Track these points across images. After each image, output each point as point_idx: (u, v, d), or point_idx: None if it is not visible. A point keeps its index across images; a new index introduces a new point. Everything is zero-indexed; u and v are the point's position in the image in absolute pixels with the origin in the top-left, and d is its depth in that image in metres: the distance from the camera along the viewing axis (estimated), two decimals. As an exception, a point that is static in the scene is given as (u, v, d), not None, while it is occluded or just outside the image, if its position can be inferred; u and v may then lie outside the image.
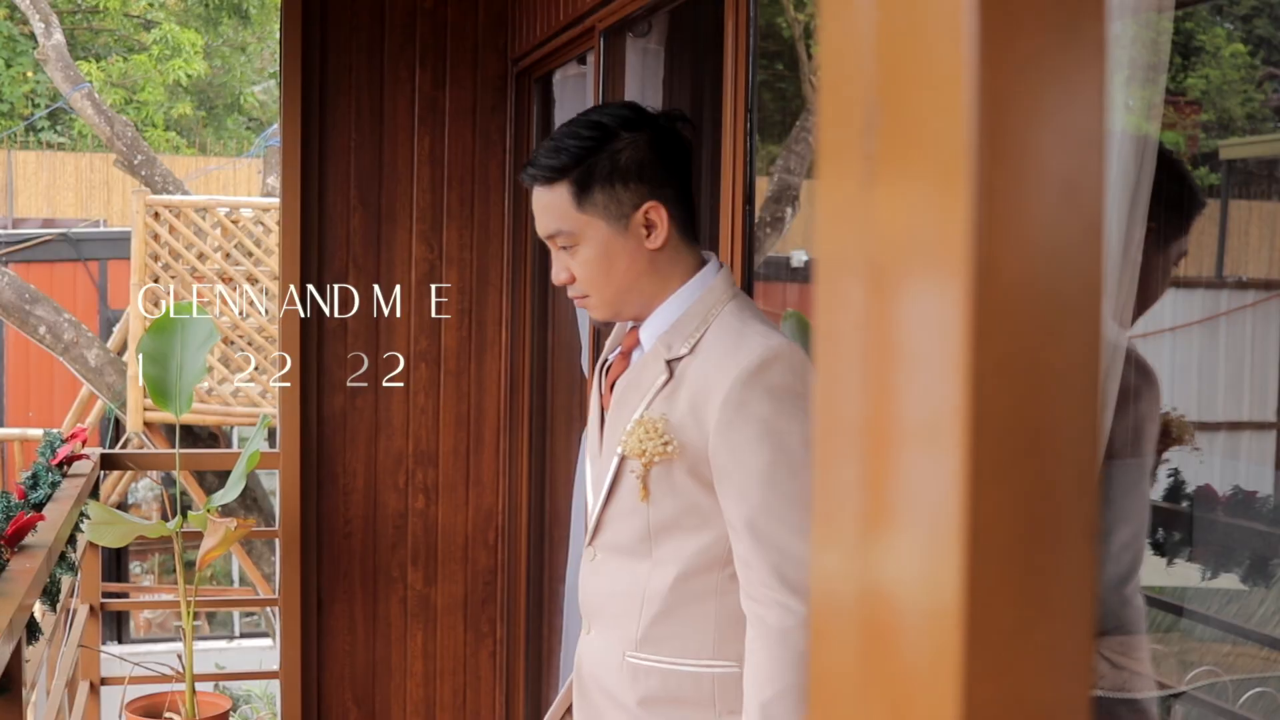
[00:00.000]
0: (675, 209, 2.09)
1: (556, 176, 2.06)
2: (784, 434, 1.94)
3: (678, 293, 2.09)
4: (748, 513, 1.96)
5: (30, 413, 10.59)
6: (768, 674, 1.94)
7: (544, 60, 4.00)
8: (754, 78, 2.54)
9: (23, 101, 17.42)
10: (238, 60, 18.70)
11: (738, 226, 2.58)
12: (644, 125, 2.09)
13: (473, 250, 4.21)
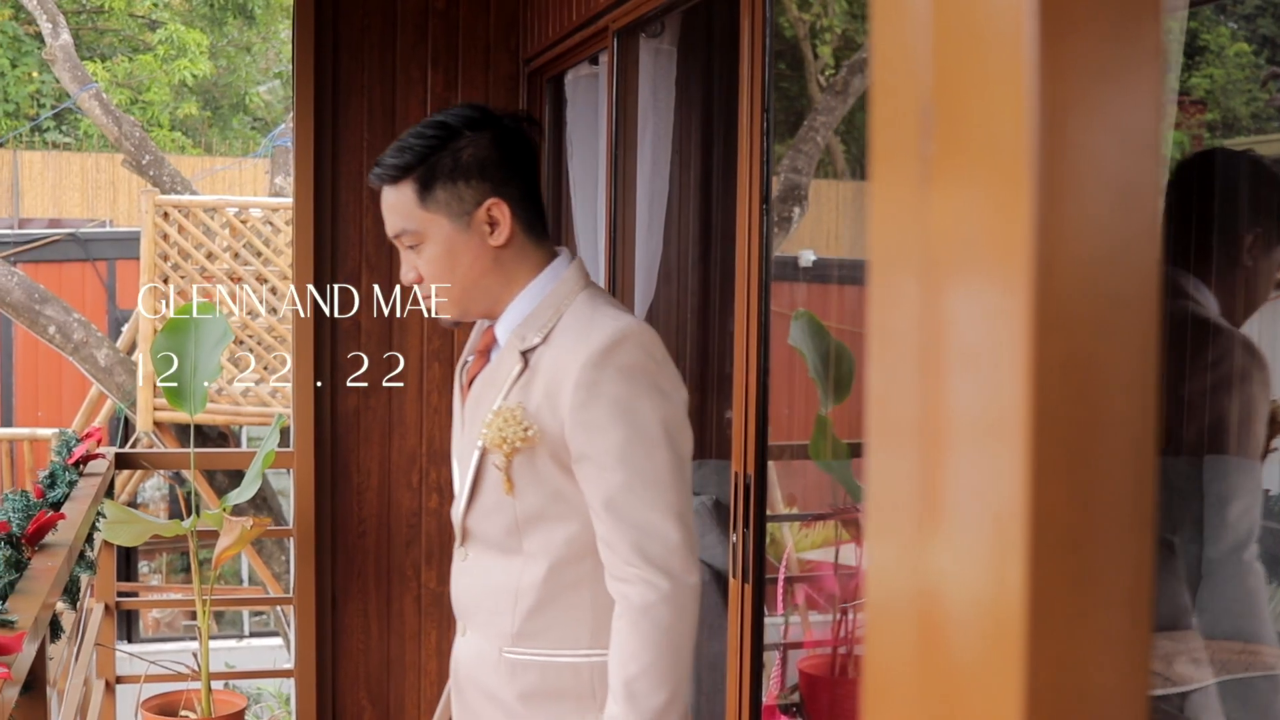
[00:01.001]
0: (519, 207, 2.11)
1: (400, 175, 2.09)
2: (637, 411, 1.97)
3: (529, 287, 2.12)
4: (606, 492, 1.98)
5: (39, 412, 10.62)
6: (631, 650, 1.95)
7: (556, 61, 4.01)
8: (770, 78, 2.55)
9: (28, 102, 17.44)
10: (243, 60, 18.73)
11: (754, 226, 2.59)
12: (488, 125, 2.12)
13: (485, 250, 4.22)
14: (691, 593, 1.97)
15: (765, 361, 2.61)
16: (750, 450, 2.64)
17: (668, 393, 2.00)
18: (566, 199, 4.14)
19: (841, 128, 10.35)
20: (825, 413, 4.36)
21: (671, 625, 1.95)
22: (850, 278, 10.53)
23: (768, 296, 2.59)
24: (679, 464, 1.99)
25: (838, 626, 3.96)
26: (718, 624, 3.79)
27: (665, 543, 1.95)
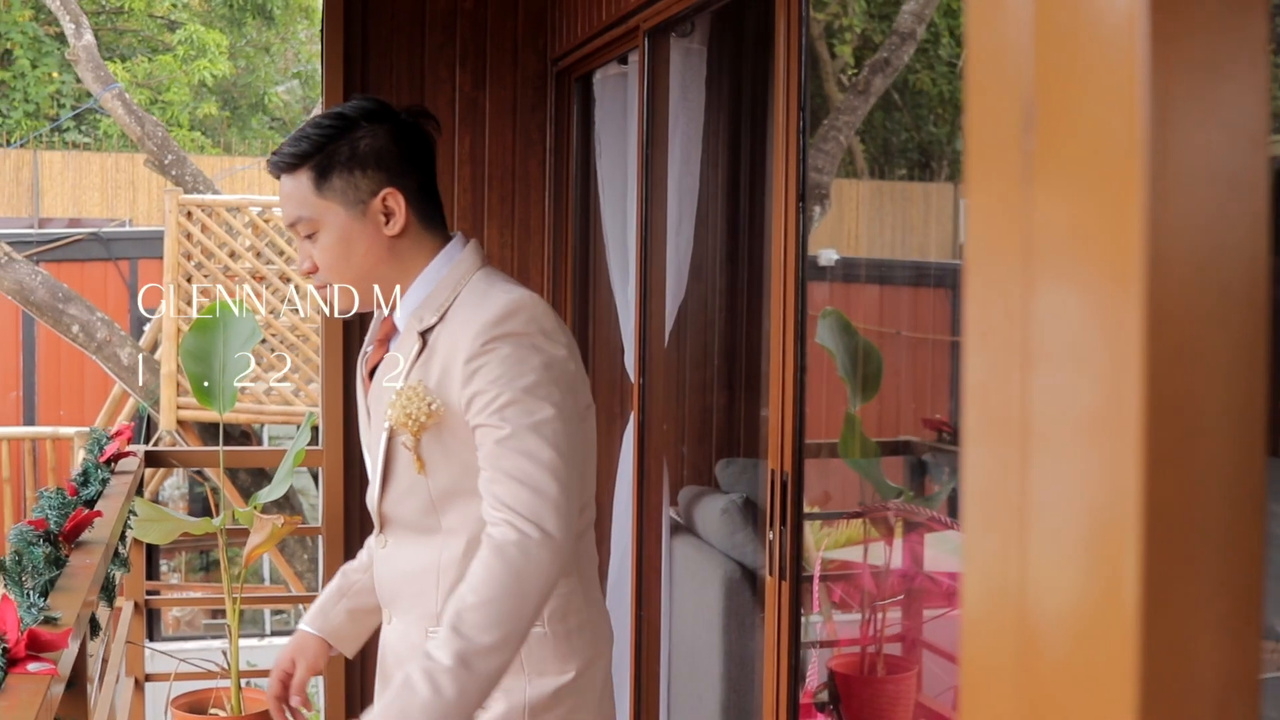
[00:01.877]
0: (415, 198, 2.14)
1: (298, 163, 2.12)
2: (522, 375, 1.98)
3: (424, 272, 2.14)
4: (488, 449, 1.99)
5: (61, 411, 10.66)
6: (473, 584, 1.93)
7: (584, 60, 4.01)
8: (806, 76, 2.56)
9: (48, 102, 17.50)
10: (262, 60, 18.77)
11: (791, 224, 2.59)
12: (386, 118, 2.15)
13: (513, 248, 4.23)
14: (554, 547, 1.94)
15: (802, 359, 2.62)
16: (787, 448, 2.64)
17: (557, 359, 2.02)
18: (594, 198, 4.15)
19: (862, 127, 10.34)
20: (854, 411, 4.36)
21: (522, 570, 1.93)
22: (872, 277, 10.52)
23: (804, 295, 2.59)
24: (565, 428, 1.99)
25: (867, 626, 3.97)
26: (748, 622, 3.80)
27: (537, 495, 1.95)
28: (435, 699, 1.86)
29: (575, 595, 2.14)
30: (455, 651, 1.88)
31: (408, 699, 1.87)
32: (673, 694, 3.85)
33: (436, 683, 1.87)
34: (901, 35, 9.23)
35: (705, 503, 3.99)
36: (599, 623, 2.21)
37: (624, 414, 4.27)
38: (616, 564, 4.03)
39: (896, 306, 10.26)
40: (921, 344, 10.24)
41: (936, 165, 16.95)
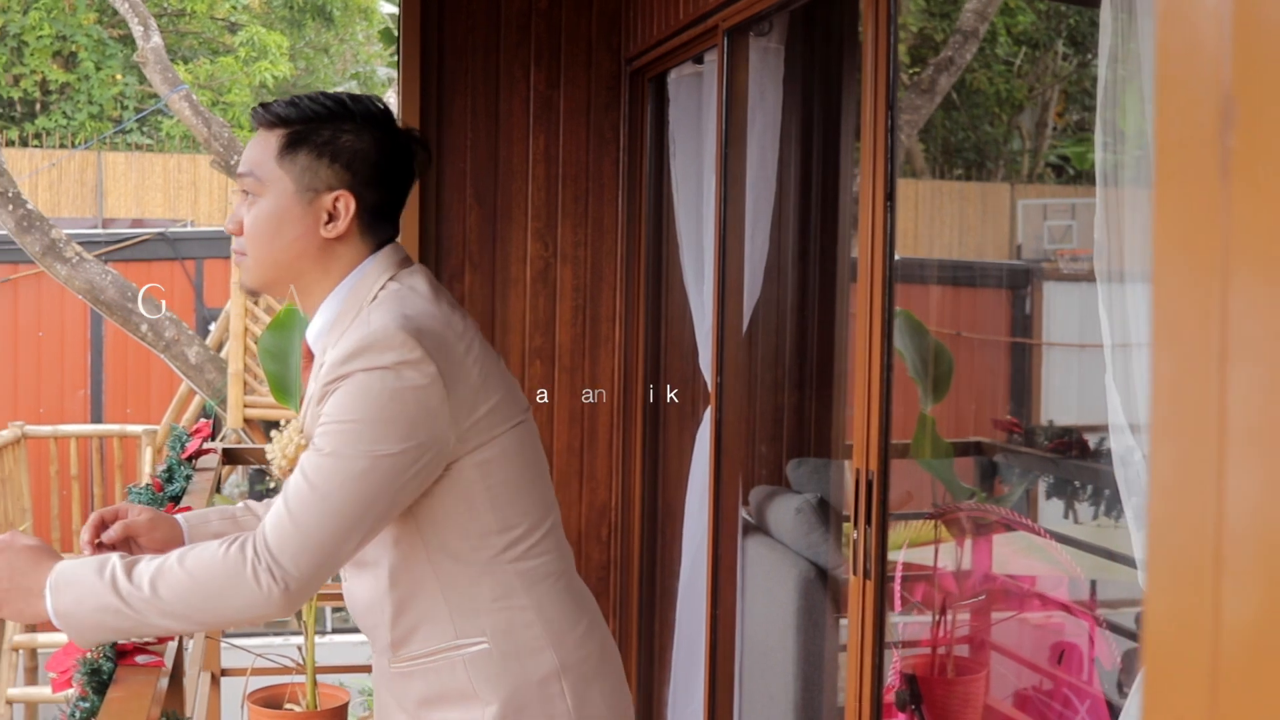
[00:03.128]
0: (368, 213, 2.05)
1: (277, 124, 2.04)
2: (356, 410, 1.91)
3: (337, 288, 2.06)
4: (294, 476, 1.94)
5: (128, 409, 10.78)
6: (202, 555, 1.90)
7: (659, 60, 4.02)
8: (895, 75, 2.55)
9: (112, 104, 17.70)
10: (321, 61, 18.91)
11: (878, 225, 2.59)
12: (380, 127, 2.07)
13: (587, 247, 4.25)
14: (281, 593, 1.89)
15: (889, 359, 2.61)
16: (873, 448, 2.64)
17: (415, 390, 1.92)
18: (668, 198, 4.16)
19: (923, 127, 10.29)
20: (927, 411, 4.35)
21: (238, 583, 1.89)
22: (929, 277, 10.44)
23: (892, 295, 2.59)
24: (388, 468, 1.91)
25: (937, 627, 3.96)
26: (821, 621, 3.79)
27: (298, 532, 1.89)
28: (106, 597, 1.89)
29: (525, 611, 2.08)
30: (145, 584, 1.88)
31: (88, 576, 1.90)
32: (744, 693, 3.85)
33: (118, 590, 1.89)
34: (965, 34, 9.18)
35: (778, 502, 3.98)
36: (564, 642, 2.11)
37: (695, 414, 4.28)
38: (690, 563, 4.04)
39: (955, 307, 10.20)
40: (983, 345, 10.17)
41: (993, 165, 16.70)
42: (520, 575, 2.07)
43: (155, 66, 9.37)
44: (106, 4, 16.87)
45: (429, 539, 2.04)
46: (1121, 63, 1.96)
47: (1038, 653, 3.90)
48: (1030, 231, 11.84)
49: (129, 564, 1.92)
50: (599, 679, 2.16)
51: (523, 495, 2.09)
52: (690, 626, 4.05)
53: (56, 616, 1.91)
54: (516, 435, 2.08)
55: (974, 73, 13.90)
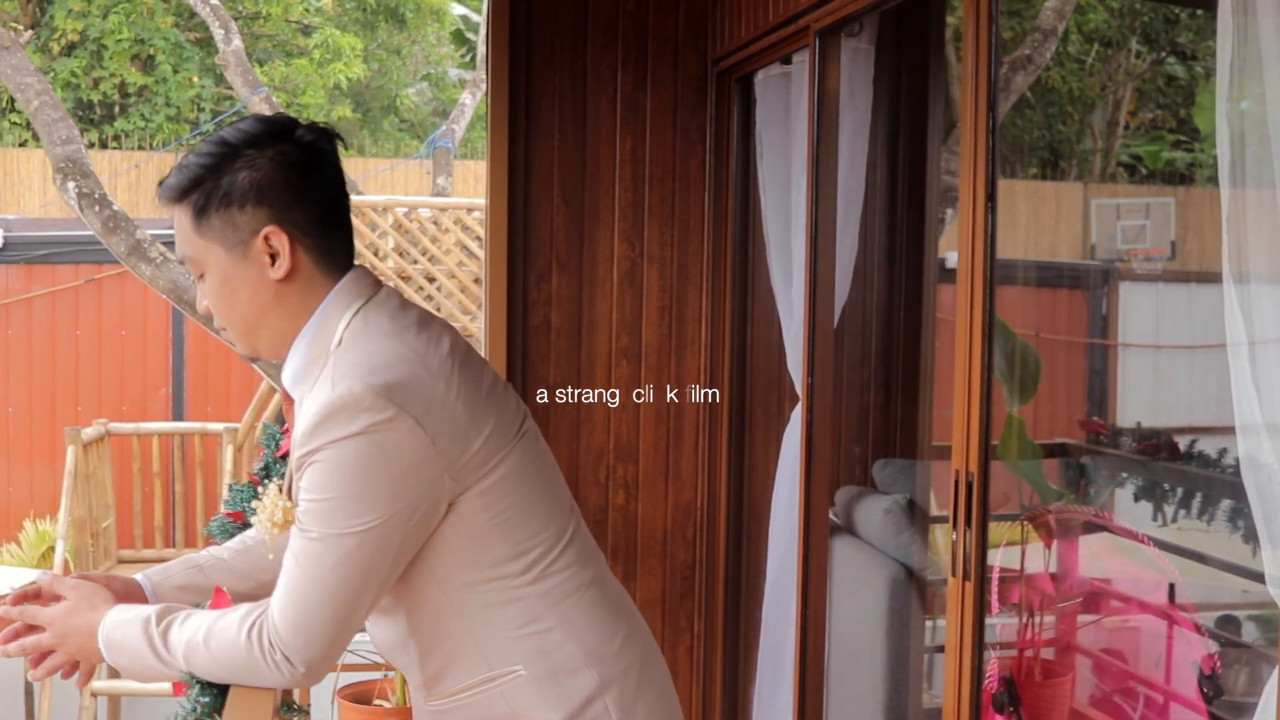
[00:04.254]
0: (305, 235, 1.94)
1: (178, 197, 1.94)
2: (334, 487, 1.86)
3: (301, 333, 1.97)
4: (291, 543, 1.92)
5: (208, 407, 10.90)
6: (221, 636, 1.92)
7: (746, 61, 4.03)
8: (996, 76, 2.55)
9: (189, 106, 17.92)
10: (393, 63, 19.04)
11: (979, 227, 2.58)
12: (274, 142, 1.94)
13: (673, 248, 4.26)
14: (292, 674, 1.91)
15: (989, 360, 2.61)
16: (973, 449, 2.64)
17: (389, 447, 1.85)
18: (755, 199, 4.16)
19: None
20: (1013, 412, 4.34)
21: (257, 669, 1.91)
22: (1002, 278, 10.34)
23: (992, 295, 2.58)
24: (376, 539, 1.87)
25: (1031, 629, 3.94)
26: (910, 623, 3.79)
27: (300, 621, 1.89)
28: (152, 660, 1.96)
29: (554, 632, 2.01)
30: (179, 657, 1.94)
31: (133, 643, 1.96)
32: (832, 693, 3.85)
33: (156, 651, 1.95)
34: (1044, 32, 9.11)
35: (865, 503, 3.98)
36: (602, 657, 2.06)
37: (781, 415, 4.29)
38: (777, 564, 4.04)
39: (1030, 308, 10.12)
40: (1061, 346, 10.07)
41: (1066, 164, 16.49)
42: (542, 597, 2.01)
43: (236, 69, 9.49)
44: (184, 7, 17.10)
45: (441, 578, 1.97)
46: (1242, 65, 1.94)
47: (1133, 656, 3.87)
48: (1103, 231, 11.73)
49: (164, 630, 1.95)
50: (643, 690, 2.10)
51: (533, 515, 2.01)
52: (776, 626, 4.05)
53: (118, 669, 2.00)
54: (516, 455, 2.00)
55: (1046, 71, 13.79)
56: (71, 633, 2.02)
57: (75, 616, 2.02)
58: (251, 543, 2.29)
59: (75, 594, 2.05)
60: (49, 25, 17.20)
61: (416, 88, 20.05)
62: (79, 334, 11.06)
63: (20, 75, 8.11)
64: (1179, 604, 3.84)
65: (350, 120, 18.39)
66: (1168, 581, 3.82)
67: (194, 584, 2.19)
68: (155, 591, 2.17)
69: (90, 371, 11.08)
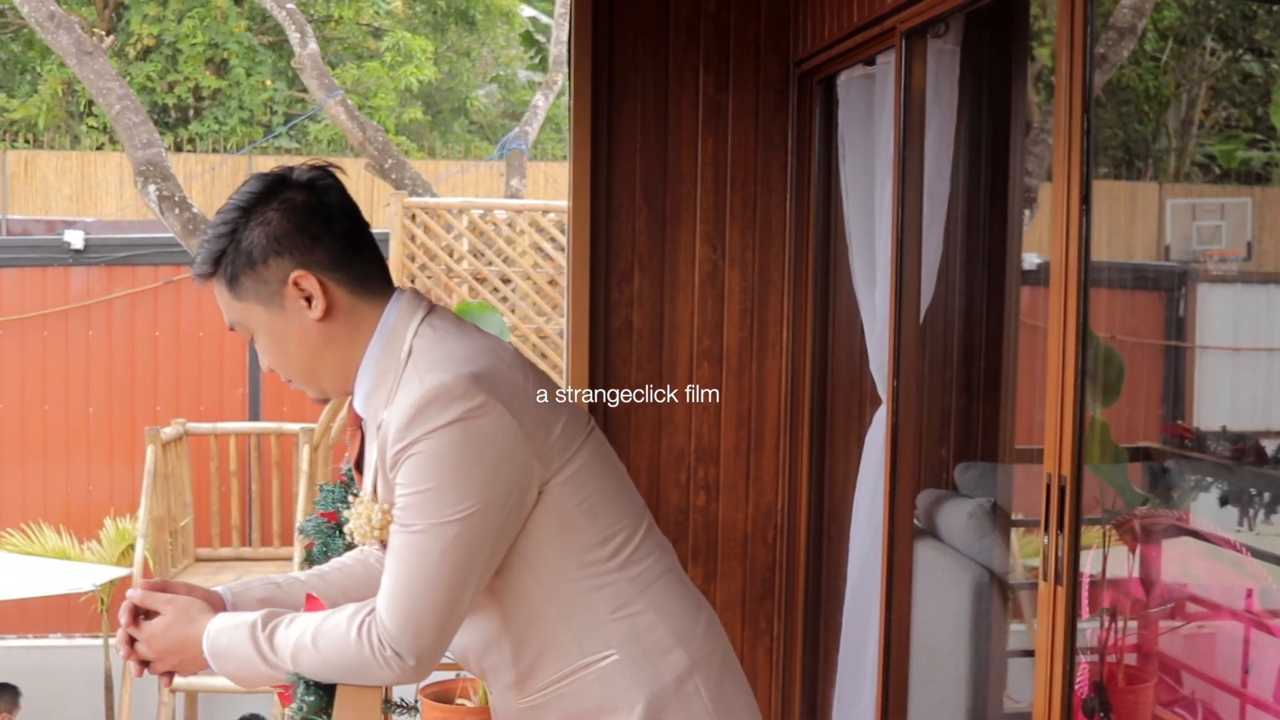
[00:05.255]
0: (332, 271, 2.00)
1: (209, 273, 2.03)
2: (430, 478, 1.91)
3: (368, 352, 2.02)
4: (392, 539, 1.97)
5: (284, 408, 11.02)
6: (330, 635, 1.96)
7: (829, 63, 4.02)
8: (1092, 76, 2.53)
9: (261, 109, 18.11)
10: (463, 65, 19.15)
11: (1073, 229, 2.57)
12: (274, 195, 2.01)
13: (755, 250, 4.26)
14: (403, 669, 1.96)
15: (1083, 364, 2.59)
16: (1066, 453, 2.62)
17: (482, 432, 1.92)
18: (837, 201, 4.15)
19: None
20: (1097, 415, 4.29)
21: (368, 666, 1.96)
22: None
23: (1086, 299, 2.57)
24: (476, 525, 1.94)
25: (1120, 634, 3.91)
26: (994, 626, 3.77)
27: (409, 614, 1.94)
28: (259, 665, 2.01)
29: (645, 614, 2.09)
30: (287, 658, 1.99)
31: (240, 648, 2.02)
32: (914, 697, 3.84)
33: (263, 654, 2.00)
34: (1120, 31, 9.02)
35: (948, 506, 3.96)
36: (690, 638, 2.13)
37: (862, 417, 4.27)
38: (858, 566, 4.03)
39: (1109, 310, 10.02)
40: (1137, 348, 9.95)
41: (1142, 164, 16.33)
42: (632, 581, 2.08)
43: (312, 72, 9.58)
44: (257, 11, 17.29)
45: (535, 567, 2.03)
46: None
47: (1218, 661, 3.83)
48: (1179, 232, 11.59)
49: (270, 633, 2.00)
50: (727, 673, 2.17)
51: (615, 502, 2.09)
52: (858, 629, 4.04)
53: (223, 675, 2.05)
54: (591, 446, 2.08)
55: (1121, 69, 13.65)
56: (172, 649, 2.08)
57: (174, 630, 2.08)
58: (328, 569, 2.35)
59: (171, 609, 2.10)
60: (125, 30, 17.45)
61: (486, 89, 20.16)
62: (158, 335, 11.22)
63: (103, 80, 8.24)
64: (1267, 609, 3.79)
65: (421, 122, 18.52)
66: (1256, 587, 3.78)
67: (272, 597, 2.23)
68: (235, 603, 2.22)
69: (169, 372, 11.24)
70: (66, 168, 16.04)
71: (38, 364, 11.18)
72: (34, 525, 10.38)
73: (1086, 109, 2.54)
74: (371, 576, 2.24)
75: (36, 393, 11.18)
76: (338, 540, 2.56)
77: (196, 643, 2.05)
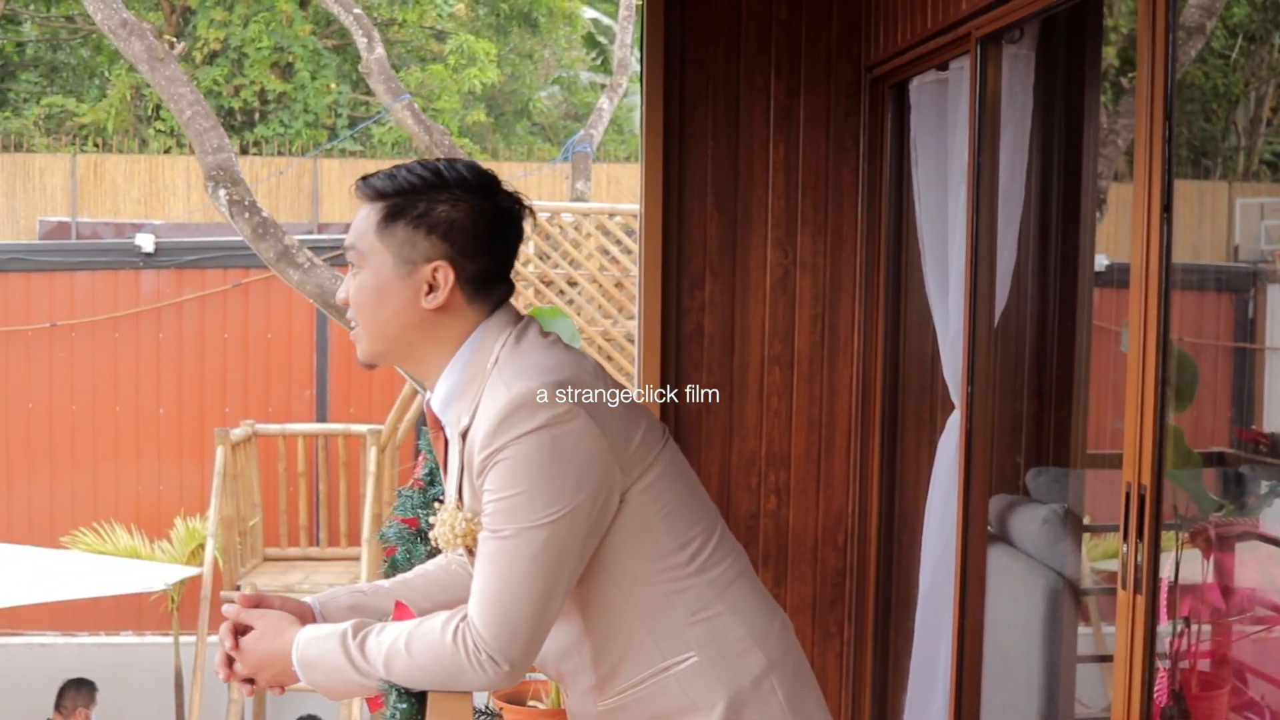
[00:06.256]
0: (469, 283, 2.06)
1: (376, 197, 2.07)
2: (517, 484, 1.96)
3: (456, 356, 2.08)
4: (481, 545, 2.00)
5: (351, 409, 11.12)
6: (425, 640, 1.99)
7: (901, 68, 4.02)
8: (1173, 83, 2.52)
9: (326, 112, 18.26)
10: (526, 67, 19.23)
11: (1154, 235, 2.56)
12: (478, 193, 2.07)
13: (826, 256, 4.26)
14: (498, 674, 1.99)
15: (1164, 371, 2.58)
16: (1146, 461, 2.61)
17: (569, 438, 1.97)
18: (909, 206, 4.15)
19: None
20: (1170, 420, 4.26)
21: (463, 672, 1.99)
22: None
23: (1168, 305, 2.56)
24: (564, 529, 1.98)
25: (1183, 641, 3.88)
26: (1066, 632, 3.76)
27: (502, 621, 1.97)
28: (349, 673, 2.04)
29: (723, 616, 2.13)
30: (379, 666, 2.02)
31: (330, 656, 2.05)
32: (986, 703, 3.83)
33: (354, 662, 2.03)
34: (1188, 30, 8.93)
35: (1020, 512, 3.95)
36: (767, 639, 2.17)
37: (934, 422, 4.27)
38: (930, 571, 4.03)
39: (1177, 312, 9.89)
40: (1206, 350, 9.86)
41: (1210, 163, 16.17)
42: (710, 584, 2.12)
43: (379, 77, 9.65)
44: (321, 14, 17.44)
45: (615, 573, 2.08)
46: None
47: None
48: (1248, 232, 11.47)
49: (361, 641, 2.04)
50: (801, 674, 2.22)
51: (690, 508, 2.13)
52: (930, 634, 4.04)
53: (312, 686, 2.08)
54: (668, 455, 2.12)
55: (1189, 68, 13.53)
56: (263, 662, 2.13)
57: (263, 643, 2.13)
58: (413, 576, 2.40)
59: (262, 623, 2.15)
60: (191, 35, 17.65)
61: (548, 91, 20.24)
62: (226, 337, 11.35)
63: (174, 86, 8.35)
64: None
65: (484, 124, 18.61)
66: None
67: (360, 605, 2.28)
68: (323, 612, 2.26)
69: (237, 373, 11.37)
70: (135, 171, 16.25)
71: (109, 366, 11.34)
72: (106, 525, 10.54)
73: (1168, 116, 2.53)
74: (456, 582, 2.28)
75: (108, 394, 11.34)
76: (420, 546, 2.59)
77: (286, 654, 2.09)
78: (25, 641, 10.94)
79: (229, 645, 2.15)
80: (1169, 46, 2.55)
